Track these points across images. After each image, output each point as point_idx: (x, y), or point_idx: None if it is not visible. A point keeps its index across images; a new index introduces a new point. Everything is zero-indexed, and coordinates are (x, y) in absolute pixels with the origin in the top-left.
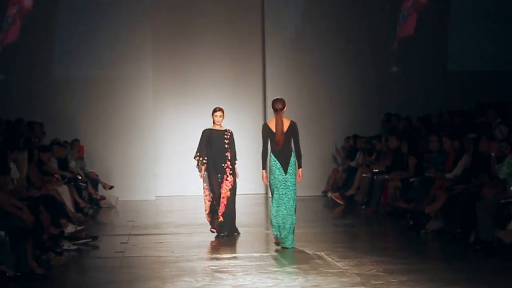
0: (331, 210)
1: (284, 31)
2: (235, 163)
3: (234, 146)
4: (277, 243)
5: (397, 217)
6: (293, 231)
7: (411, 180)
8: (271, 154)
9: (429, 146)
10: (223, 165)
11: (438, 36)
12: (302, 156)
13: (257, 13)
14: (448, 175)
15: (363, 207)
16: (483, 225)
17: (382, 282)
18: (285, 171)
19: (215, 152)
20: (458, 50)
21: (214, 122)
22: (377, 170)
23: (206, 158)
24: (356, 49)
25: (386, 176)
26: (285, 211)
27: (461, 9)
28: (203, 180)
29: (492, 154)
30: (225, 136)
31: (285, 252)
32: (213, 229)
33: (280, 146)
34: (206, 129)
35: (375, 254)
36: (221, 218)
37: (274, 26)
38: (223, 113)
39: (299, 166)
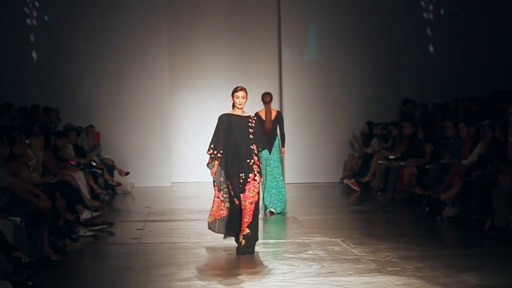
0: (347, 196)
1: (300, 17)
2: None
3: (261, 135)
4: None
5: (413, 203)
6: (284, 199)
7: (427, 166)
8: None
9: (445, 133)
10: (248, 161)
11: (457, 25)
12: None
13: (272, 3)
14: (464, 162)
15: (379, 193)
16: (499, 212)
17: (397, 268)
18: (269, 152)
19: (237, 144)
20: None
21: (234, 106)
22: (393, 157)
23: (221, 151)
24: (373, 35)
25: (402, 163)
26: (273, 185)
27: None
28: (214, 179)
29: (510, 139)
30: (250, 124)
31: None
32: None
33: (267, 132)
34: (224, 114)
35: (391, 241)
36: (247, 230)
37: (291, 12)
38: (246, 93)
39: (282, 146)
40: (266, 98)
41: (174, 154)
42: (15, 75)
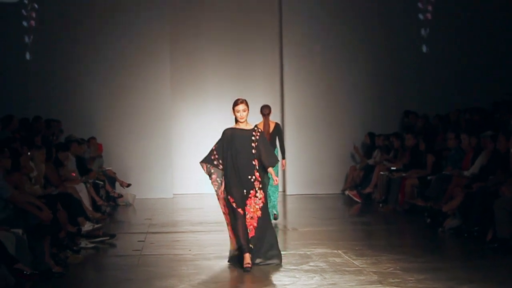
0: (349, 208)
1: (301, 29)
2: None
3: (268, 147)
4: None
5: (414, 215)
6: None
7: (429, 178)
8: None
9: (447, 144)
10: (249, 177)
11: (457, 35)
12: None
13: (274, 13)
14: (466, 173)
15: (380, 205)
16: (501, 223)
17: (399, 280)
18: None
19: (239, 159)
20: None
21: (236, 120)
22: (394, 168)
23: (221, 161)
24: (375, 47)
25: (404, 174)
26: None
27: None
28: (218, 196)
29: (511, 149)
30: (253, 138)
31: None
32: (246, 265)
33: None
34: (228, 129)
35: (392, 252)
36: (250, 245)
37: (291, 25)
38: (247, 105)
39: (283, 158)
40: (265, 111)
41: (175, 166)
42: (15, 86)
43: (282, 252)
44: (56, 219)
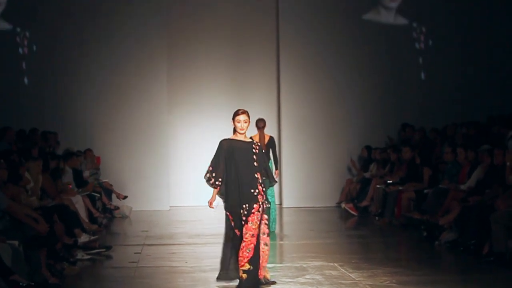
0: (345, 221)
1: (298, 41)
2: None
3: (266, 162)
4: None
5: (411, 228)
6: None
7: (425, 191)
8: None
9: (444, 157)
10: (252, 191)
11: (454, 48)
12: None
13: (271, 23)
14: (462, 187)
15: (377, 218)
16: (497, 237)
17: None
18: None
19: (240, 172)
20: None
21: (236, 131)
22: (391, 181)
23: (220, 179)
24: (372, 62)
25: (400, 187)
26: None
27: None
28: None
29: (508, 163)
30: (253, 151)
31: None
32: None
33: None
34: (225, 140)
35: (388, 265)
36: (248, 266)
37: (289, 37)
38: (248, 116)
39: (276, 168)
40: (260, 124)
41: (172, 178)
42: (10, 98)
43: (278, 265)
44: (52, 231)
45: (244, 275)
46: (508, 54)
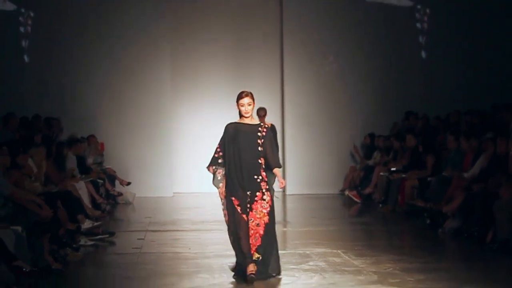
0: (348, 208)
1: (302, 30)
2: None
3: (275, 147)
4: None
5: (414, 216)
6: None
7: (429, 179)
8: None
9: (447, 145)
10: (255, 177)
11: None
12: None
13: (274, 12)
14: (466, 175)
15: (380, 205)
16: (500, 225)
17: (399, 280)
18: None
19: (243, 157)
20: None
21: (241, 115)
22: (394, 169)
23: (223, 169)
24: (376, 49)
25: (403, 175)
26: None
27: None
28: (223, 201)
29: (511, 153)
30: (259, 134)
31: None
32: (249, 272)
33: None
34: (231, 123)
35: (392, 253)
36: (256, 255)
37: (292, 26)
38: (253, 98)
39: None
40: (261, 113)
41: (175, 164)
42: (13, 84)
43: (281, 252)
44: (56, 217)
45: (255, 267)
46: None
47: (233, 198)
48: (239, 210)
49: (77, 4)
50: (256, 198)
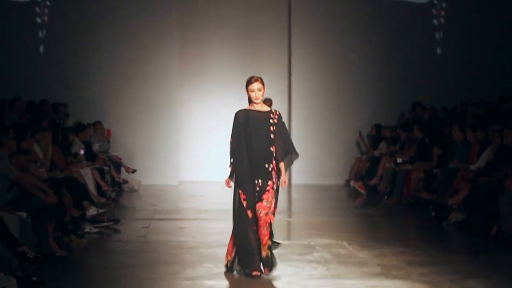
0: (354, 199)
1: (310, 20)
2: (292, 162)
3: (287, 136)
4: None
5: (419, 208)
6: None
7: (435, 171)
8: None
9: (453, 137)
10: (266, 166)
11: (466, 30)
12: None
13: (283, 3)
14: (472, 167)
15: (385, 197)
16: (506, 218)
17: (403, 273)
18: None
19: (253, 145)
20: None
21: (251, 101)
22: (400, 160)
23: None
24: (383, 39)
25: (410, 167)
26: None
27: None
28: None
29: None
30: (271, 121)
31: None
32: (255, 272)
33: None
34: (241, 111)
35: (396, 245)
36: (269, 242)
37: (300, 17)
38: (263, 83)
39: None
40: (266, 103)
41: (181, 153)
42: (21, 70)
43: (285, 242)
44: (61, 203)
45: (268, 253)
46: None
47: (240, 191)
48: (245, 205)
49: None
50: (267, 188)
